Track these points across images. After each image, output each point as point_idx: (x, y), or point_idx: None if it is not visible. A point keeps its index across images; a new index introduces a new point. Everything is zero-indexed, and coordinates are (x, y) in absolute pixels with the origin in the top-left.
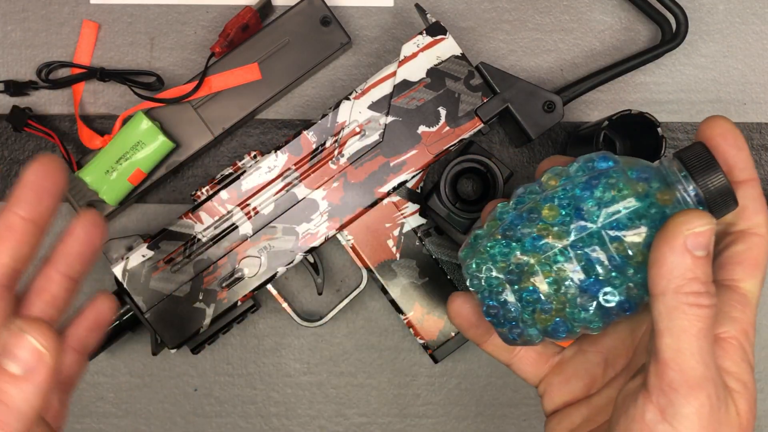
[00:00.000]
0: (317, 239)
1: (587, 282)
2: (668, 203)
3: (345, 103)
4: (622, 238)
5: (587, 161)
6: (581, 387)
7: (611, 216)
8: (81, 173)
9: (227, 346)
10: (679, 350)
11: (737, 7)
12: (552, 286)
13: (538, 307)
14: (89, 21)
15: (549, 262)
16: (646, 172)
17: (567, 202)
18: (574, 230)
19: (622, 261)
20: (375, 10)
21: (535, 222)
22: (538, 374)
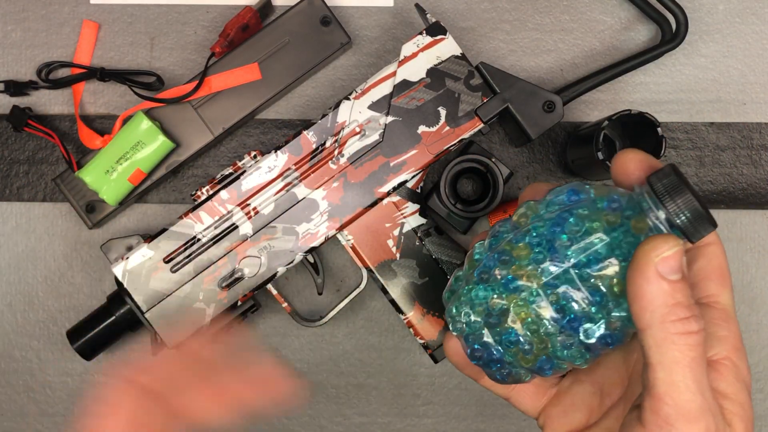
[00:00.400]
0: (317, 239)
1: (565, 320)
2: (643, 231)
3: (345, 103)
4: (597, 274)
5: (557, 194)
6: (580, 418)
7: (584, 251)
8: (81, 173)
9: None
10: (672, 383)
11: (737, 7)
12: (530, 328)
13: (518, 348)
14: (89, 21)
15: (524, 304)
16: (618, 201)
17: (538, 241)
18: (547, 269)
19: (599, 296)
20: (375, 10)
21: (509, 264)
22: (536, 406)
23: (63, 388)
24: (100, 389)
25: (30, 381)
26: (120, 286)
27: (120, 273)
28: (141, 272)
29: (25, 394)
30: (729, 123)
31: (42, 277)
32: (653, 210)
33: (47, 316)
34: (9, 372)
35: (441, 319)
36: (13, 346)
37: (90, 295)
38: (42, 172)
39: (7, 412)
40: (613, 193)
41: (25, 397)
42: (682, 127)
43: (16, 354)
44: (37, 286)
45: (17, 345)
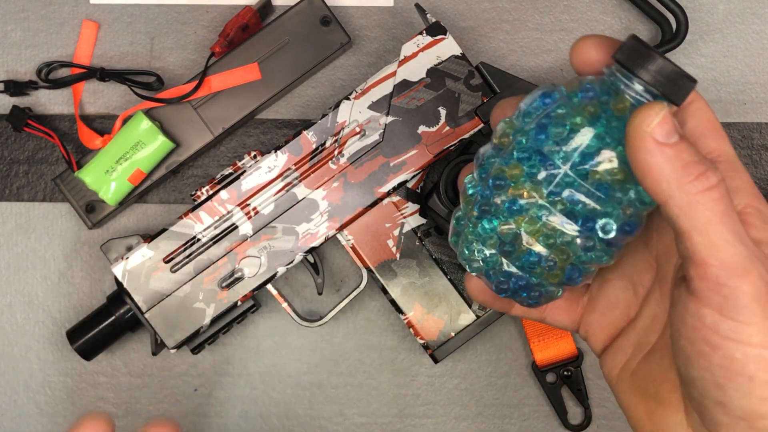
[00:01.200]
0: (317, 239)
1: (579, 223)
2: (626, 111)
3: (345, 103)
4: (596, 168)
5: (530, 103)
6: (619, 316)
7: (575, 151)
8: (81, 173)
9: (227, 346)
10: (712, 244)
11: (737, 7)
12: (547, 243)
13: (542, 267)
14: (89, 21)
15: (534, 221)
16: (592, 89)
17: (527, 155)
18: (545, 180)
19: (604, 189)
20: (375, 10)
21: (505, 187)
22: (574, 320)
23: (63, 388)
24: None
25: (30, 381)
26: (120, 286)
27: (120, 273)
28: (141, 272)
29: (25, 394)
30: (729, 123)
31: (42, 277)
32: (629, 86)
33: (47, 316)
34: (9, 372)
35: (441, 319)
36: (13, 345)
37: (90, 295)
38: (42, 172)
39: (7, 412)
40: (585, 82)
41: (24, 397)
42: None
43: (15, 354)
44: (36, 286)
45: (17, 345)
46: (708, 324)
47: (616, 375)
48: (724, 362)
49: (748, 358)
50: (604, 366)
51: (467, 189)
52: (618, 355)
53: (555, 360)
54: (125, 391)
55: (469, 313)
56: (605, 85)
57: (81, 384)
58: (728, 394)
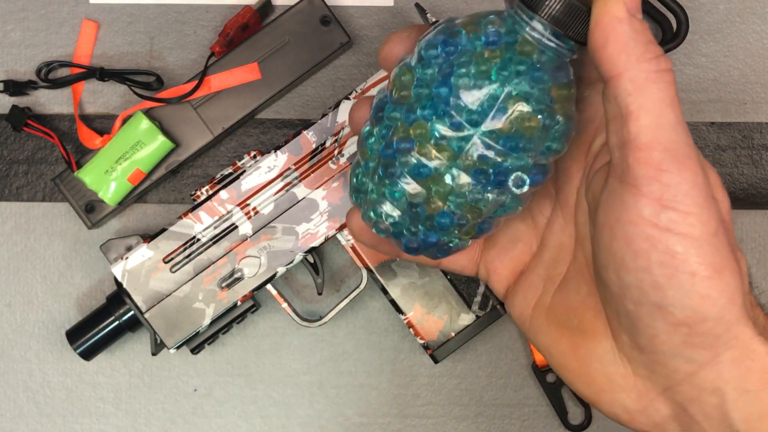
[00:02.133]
0: (317, 239)
1: (492, 180)
2: (531, 54)
3: (345, 103)
4: (507, 121)
5: (428, 47)
6: (522, 249)
7: (483, 105)
8: (80, 173)
9: (227, 346)
10: (659, 126)
11: (737, 7)
12: (458, 203)
13: (455, 226)
14: (89, 20)
15: (444, 183)
16: (493, 33)
17: (431, 111)
18: (453, 138)
19: (515, 142)
20: (375, 10)
21: (410, 149)
22: (472, 259)
23: (62, 388)
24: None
25: (29, 381)
26: (119, 287)
27: (119, 273)
28: (140, 272)
29: (25, 394)
30: (729, 123)
31: (41, 277)
32: (530, 25)
33: (47, 316)
34: (8, 372)
35: (441, 319)
36: (13, 345)
37: (89, 295)
38: (41, 172)
39: (7, 412)
40: (486, 24)
41: (24, 397)
42: None
43: (15, 354)
44: (36, 286)
45: (16, 345)
46: (646, 215)
47: (529, 314)
48: (665, 258)
49: (689, 251)
50: (513, 307)
51: (366, 141)
52: (528, 291)
53: None
54: (125, 391)
55: (469, 313)
56: (507, 26)
57: (81, 384)
58: (668, 295)
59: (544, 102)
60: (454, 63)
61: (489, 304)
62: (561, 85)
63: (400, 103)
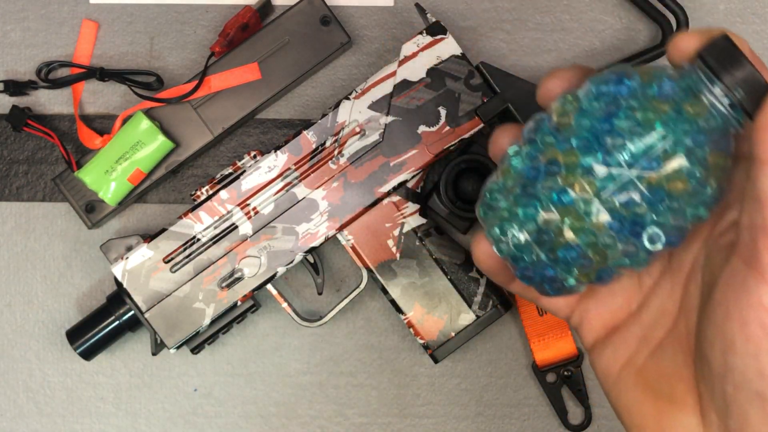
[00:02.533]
0: (317, 239)
1: (627, 228)
2: (701, 116)
3: (345, 103)
4: (660, 173)
5: (600, 84)
6: (620, 305)
7: (640, 150)
8: (80, 173)
9: (227, 346)
10: None
11: (737, 7)
12: (588, 241)
13: (577, 264)
14: (89, 20)
15: (580, 217)
16: (669, 84)
17: (587, 143)
18: (602, 175)
19: (662, 196)
20: (375, 10)
21: (556, 174)
22: (570, 304)
23: (62, 388)
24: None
25: (29, 381)
26: (119, 286)
27: (119, 273)
28: (140, 272)
29: (25, 394)
30: None
31: (41, 277)
32: (711, 90)
33: (47, 316)
34: (8, 372)
35: (441, 319)
36: (13, 345)
37: (89, 295)
38: (41, 172)
39: (7, 412)
40: (662, 75)
41: (24, 397)
42: None
43: (15, 354)
44: (36, 286)
45: (17, 345)
46: (765, 303)
47: (616, 371)
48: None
49: None
50: (599, 360)
51: (510, 160)
52: (620, 348)
53: (555, 360)
54: (125, 391)
55: (469, 313)
56: (684, 82)
57: (81, 384)
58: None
59: (699, 165)
60: (622, 103)
61: (489, 304)
62: (720, 153)
63: (558, 129)
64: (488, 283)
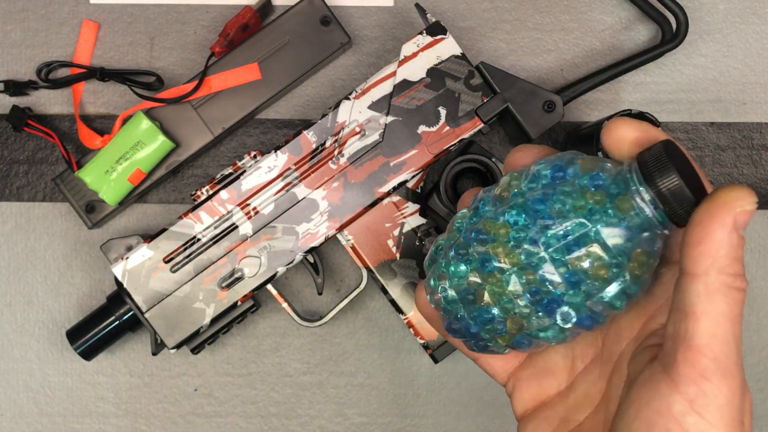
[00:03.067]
0: (317, 239)
1: (542, 304)
2: (627, 212)
3: (345, 103)
4: (577, 256)
5: (542, 169)
6: (551, 383)
7: (564, 234)
8: (81, 173)
9: (227, 346)
10: (715, 335)
11: (737, 7)
12: (504, 308)
13: (493, 327)
14: (89, 21)
15: (500, 284)
16: (602, 178)
17: (517, 219)
18: (525, 251)
19: (578, 279)
20: (375, 10)
21: (487, 242)
22: (506, 370)
23: (63, 387)
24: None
25: (30, 381)
26: (120, 286)
27: (120, 273)
28: (141, 272)
29: (25, 393)
30: (729, 123)
31: (41, 277)
32: (639, 192)
33: (47, 316)
34: (9, 372)
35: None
36: (13, 345)
37: (90, 295)
38: (42, 172)
39: (7, 412)
40: (600, 168)
41: (24, 397)
42: (682, 127)
43: (15, 354)
44: (36, 286)
45: (17, 345)
46: (674, 411)
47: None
48: None
49: None
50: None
51: (455, 222)
52: (542, 425)
53: None
54: (125, 391)
55: None
56: (618, 178)
57: (81, 384)
58: None
59: (620, 258)
60: (557, 188)
61: None
62: (644, 251)
63: (498, 201)
64: None
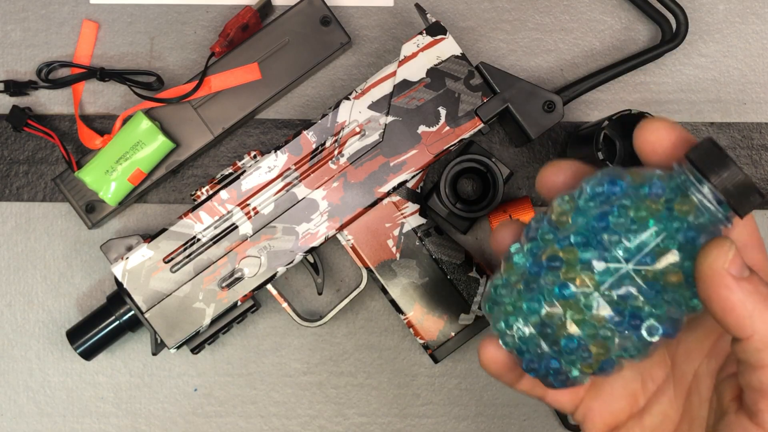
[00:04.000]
0: (317, 239)
1: (626, 321)
2: (689, 213)
3: (345, 103)
4: (652, 268)
5: (594, 186)
6: (623, 406)
7: (635, 246)
8: (81, 173)
9: (227, 346)
10: None
11: (737, 7)
12: (589, 333)
13: (579, 356)
14: (89, 21)
15: (581, 309)
16: (659, 185)
17: (585, 240)
18: (601, 270)
19: (658, 290)
20: (375, 10)
21: (558, 269)
22: (574, 402)
23: (63, 387)
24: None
25: (30, 381)
26: (120, 286)
27: (120, 273)
28: (141, 272)
29: (25, 393)
30: (729, 123)
31: (41, 277)
32: (699, 189)
33: (47, 316)
34: (9, 372)
35: (441, 319)
36: (13, 345)
37: (90, 295)
38: (42, 172)
39: (7, 412)
40: (652, 176)
41: (24, 397)
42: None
43: (15, 354)
44: (36, 286)
45: (17, 345)
46: None
47: None
48: None
49: None
50: None
51: (513, 257)
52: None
53: None
54: (125, 391)
55: (469, 313)
56: (673, 183)
57: (81, 384)
58: None
59: (691, 259)
60: (615, 203)
61: None
62: None
63: (557, 227)
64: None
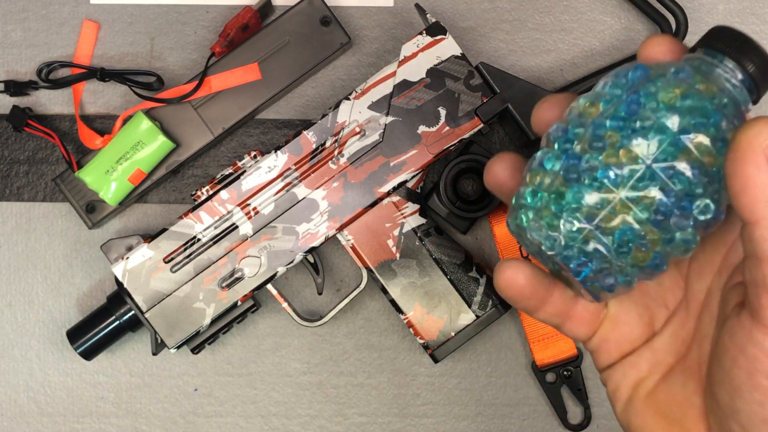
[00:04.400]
0: (317, 239)
1: (680, 200)
2: (714, 94)
3: (345, 103)
4: (692, 148)
5: (618, 76)
6: (638, 333)
7: (681, 119)
8: (81, 173)
9: (227, 345)
10: None
11: (737, 7)
12: (645, 216)
13: (634, 244)
14: (89, 21)
15: (634, 190)
16: (681, 70)
17: (621, 123)
18: (644, 149)
19: (698, 170)
20: (375, 10)
21: (602, 150)
22: (589, 331)
23: (63, 387)
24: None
25: (30, 380)
26: (120, 286)
27: (120, 273)
28: (141, 272)
29: (26, 393)
30: None
31: (42, 277)
32: (723, 67)
33: (47, 316)
34: (9, 371)
35: (441, 319)
36: (14, 345)
37: (90, 295)
38: (42, 172)
39: (7, 412)
40: (668, 65)
41: (25, 397)
42: None
43: (16, 353)
44: (36, 286)
45: (17, 344)
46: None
47: (626, 393)
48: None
49: None
50: (610, 380)
51: (544, 163)
52: (630, 371)
53: (555, 360)
54: (125, 391)
55: (469, 313)
56: (693, 65)
57: (81, 384)
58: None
59: (722, 141)
60: (640, 87)
61: (489, 304)
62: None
63: (584, 118)
64: (488, 283)
